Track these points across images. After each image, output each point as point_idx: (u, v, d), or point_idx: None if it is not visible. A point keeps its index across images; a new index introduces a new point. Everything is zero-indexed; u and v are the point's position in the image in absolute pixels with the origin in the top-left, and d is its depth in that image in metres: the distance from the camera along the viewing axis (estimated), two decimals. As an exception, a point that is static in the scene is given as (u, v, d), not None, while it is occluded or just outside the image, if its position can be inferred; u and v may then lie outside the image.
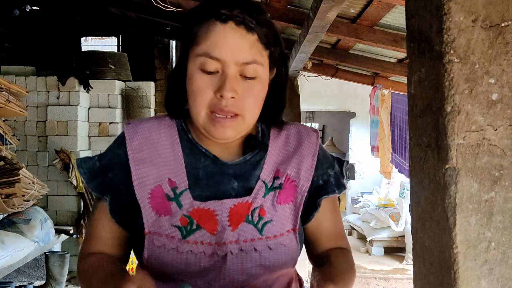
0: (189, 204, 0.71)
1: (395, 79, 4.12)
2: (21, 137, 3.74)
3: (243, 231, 0.71)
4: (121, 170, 0.74)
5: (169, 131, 0.76)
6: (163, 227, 0.70)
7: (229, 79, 0.67)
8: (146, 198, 0.71)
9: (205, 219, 0.70)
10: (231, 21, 0.67)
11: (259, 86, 0.70)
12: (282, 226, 0.73)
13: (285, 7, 2.89)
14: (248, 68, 0.68)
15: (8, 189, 2.30)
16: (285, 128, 0.80)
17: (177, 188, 0.72)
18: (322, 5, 1.94)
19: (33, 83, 3.87)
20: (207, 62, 0.67)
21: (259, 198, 0.73)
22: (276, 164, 0.76)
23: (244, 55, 0.67)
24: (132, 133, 0.75)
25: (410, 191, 0.90)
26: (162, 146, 0.74)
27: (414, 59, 0.85)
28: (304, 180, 0.75)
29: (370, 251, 4.86)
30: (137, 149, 0.73)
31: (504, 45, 0.73)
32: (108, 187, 0.74)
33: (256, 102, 0.71)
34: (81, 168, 0.75)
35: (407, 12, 0.88)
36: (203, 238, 0.70)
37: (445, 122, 0.74)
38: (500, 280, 0.73)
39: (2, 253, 2.12)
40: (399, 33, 2.78)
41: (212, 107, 0.68)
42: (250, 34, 0.67)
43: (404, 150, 3.14)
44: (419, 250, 0.87)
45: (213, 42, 0.67)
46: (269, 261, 0.71)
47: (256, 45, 0.68)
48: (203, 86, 0.68)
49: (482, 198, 0.74)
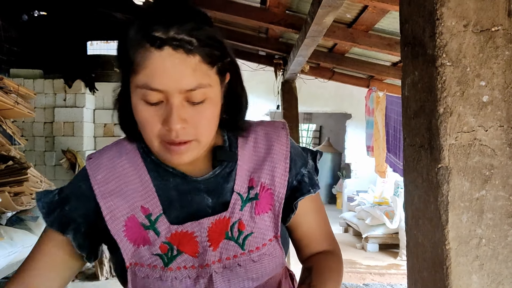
0: (167, 230, 0.67)
1: (390, 82, 4.15)
2: (29, 137, 3.80)
3: (225, 249, 0.67)
4: (81, 203, 0.69)
5: (131, 156, 0.71)
6: (143, 257, 0.67)
7: (175, 110, 0.60)
8: (121, 232, 0.67)
9: (185, 242, 0.67)
10: (167, 46, 0.58)
11: (210, 107, 0.63)
12: (264, 236, 0.69)
13: (283, 12, 2.92)
14: (194, 93, 0.60)
15: (17, 187, 2.34)
16: (252, 131, 0.74)
17: (151, 214, 0.68)
18: (319, 10, 1.96)
19: (40, 86, 3.93)
20: (148, 94, 0.60)
21: (236, 212, 0.69)
22: (249, 173, 0.71)
23: (187, 81, 0.59)
24: (95, 167, 0.70)
25: (404, 190, 0.92)
26: (127, 174, 0.69)
27: (408, 62, 0.87)
28: (279, 186, 0.71)
29: (365, 247, 4.89)
30: (102, 182, 0.68)
31: (495, 49, 0.75)
32: (67, 222, 0.68)
33: (210, 123, 0.65)
34: (40, 202, 0.70)
35: (401, 17, 0.90)
36: (186, 262, 0.67)
37: (438, 123, 0.76)
38: (490, 275, 0.75)
39: (10, 249, 2.16)
40: (394, 37, 2.81)
41: (163, 137, 0.62)
42: (191, 57, 0.59)
43: (398, 150, 3.16)
44: (412, 247, 0.89)
45: (151, 72, 0.59)
46: (256, 273, 0.69)
47: (200, 66, 0.60)
48: (149, 118, 0.61)
49: (473, 196, 0.76)
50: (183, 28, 0.59)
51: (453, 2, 0.75)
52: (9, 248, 2.15)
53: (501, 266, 0.76)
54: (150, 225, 0.67)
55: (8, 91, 2.52)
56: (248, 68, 4.97)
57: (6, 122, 2.65)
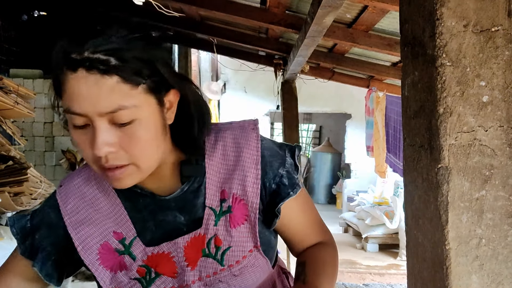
0: (142, 253, 0.66)
1: (390, 82, 4.15)
2: (29, 137, 3.80)
3: (204, 267, 0.66)
4: (51, 232, 0.69)
5: (100, 181, 0.69)
6: (122, 282, 0.66)
7: (98, 134, 0.57)
8: (95, 261, 0.66)
9: (162, 264, 0.66)
10: (81, 67, 0.55)
11: (141, 128, 0.58)
12: (243, 248, 0.67)
13: (283, 12, 2.92)
14: (117, 115, 0.56)
15: (17, 187, 2.34)
16: (220, 139, 0.70)
17: (125, 239, 0.66)
18: (319, 10, 1.97)
19: (40, 86, 3.93)
20: (73, 118, 0.58)
21: (211, 227, 0.67)
22: (219, 184, 0.68)
23: (104, 104, 0.55)
24: (64, 197, 0.69)
25: (404, 190, 0.92)
26: (97, 200, 0.68)
27: (408, 62, 0.87)
28: (252, 196, 0.68)
29: (365, 248, 4.90)
30: (72, 212, 0.68)
31: (494, 49, 0.75)
32: (37, 250, 0.68)
33: (144, 146, 0.59)
34: (13, 228, 0.70)
35: (401, 17, 0.90)
36: (165, 284, 0.66)
37: (438, 123, 0.76)
38: (490, 276, 0.75)
39: (10, 249, 2.16)
40: (393, 37, 2.82)
41: (97, 162, 0.59)
42: (107, 78, 0.55)
43: (398, 150, 3.16)
44: (412, 247, 0.89)
45: (70, 96, 0.56)
46: (240, 286, 0.67)
47: (119, 87, 0.56)
48: (81, 142, 0.59)
49: (473, 197, 0.76)
50: (100, 47, 0.55)
51: (453, 2, 0.75)
52: (9, 248, 2.15)
53: (501, 266, 0.76)
54: (125, 249, 0.66)
55: (8, 91, 2.52)
56: (248, 68, 4.97)
57: (6, 122, 2.65)
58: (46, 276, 0.68)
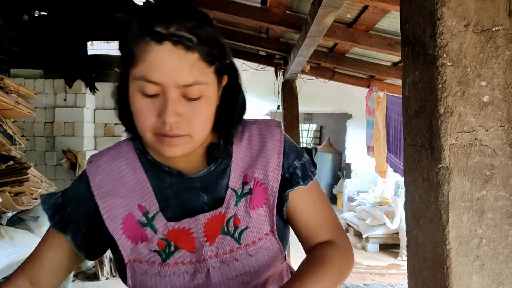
0: (164, 227, 0.69)
1: (390, 82, 4.16)
2: (29, 137, 3.80)
3: (221, 244, 0.69)
4: (81, 205, 0.72)
5: (128, 157, 0.74)
6: (142, 253, 0.69)
7: (171, 104, 0.61)
8: (119, 229, 0.70)
9: (182, 238, 0.69)
10: (168, 41, 0.60)
11: (205, 105, 0.65)
12: (259, 230, 0.71)
13: (283, 12, 2.93)
14: (190, 89, 0.62)
15: (17, 187, 2.34)
16: (247, 130, 0.76)
17: (148, 212, 0.70)
18: (320, 10, 1.97)
19: (41, 86, 3.94)
20: (145, 86, 0.62)
21: (231, 207, 0.70)
22: (243, 169, 0.73)
23: (184, 77, 0.61)
24: (94, 171, 0.73)
25: (405, 190, 0.92)
26: (124, 175, 0.72)
27: (408, 62, 0.87)
28: (272, 180, 0.72)
29: (366, 248, 4.90)
30: (100, 184, 0.71)
31: (495, 49, 0.75)
32: (68, 223, 0.72)
33: (204, 121, 0.66)
34: (45, 205, 0.73)
35: (402, 17, 0.90)
36: (183, 258, 0.69)
37: (438, 123, 0.76)
38: (491, 275, 0.75)
39: (11, 249, 2.16)
40: (394, 37, 2.82)
41: (157, 130, 0.64)
42: (190, 54, 0.61)
43: (399, 150, 3.17)
44: (413, 247, 0.89)
45: (150, 65, 0.61)
46: (253, 267, 0.70)
47: (198, 64, 0.62)
48: (145, 110, 0.63)
49: (474, 196, 0.76)
50: (184, 25, 0.61)
51: (454, 2, 0.75)
52: (9, 248, 2.16)
53: (502, 266, 0.76)
54: (148, 222, 0.70)
55: (8, 91, 2.53)
56: (249, 68, 4.97)
57: (6, 122, 2.66)
58: (76, 247, 0.72)
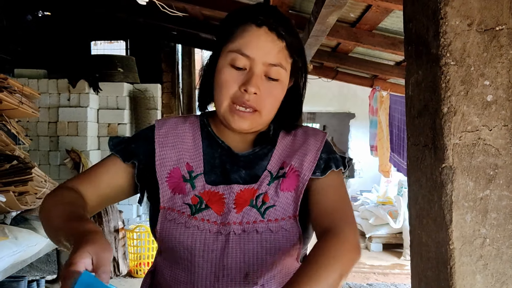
0: (202, 186, 0.78)
1: (393, 81, 4.14)
2: (33, 137, 3.81)
3: (247, 214, 0.75)
4: (144, 144, 0.82)
5: (192, 125, 0.85)
6: (176, 203, 0.77)
7: (255, 77, 0.74)
8: (164, 177, 0.79)
9: (214, 200, 0.77)
10: (266, 26, 0.74)
11: (280, 88, 0.77)
12: (284, 211, 0.77)
13: (286, 12, 2.92)
14: (273, 69, 0.75)
15: (21, 187, 2.34)
16: (295, 130, 0.86)
17: (193, 171, 0.80)
18: (323, 10, 1.97)
19: (45, 86, 3.95)
20: (237, 58, 0.74)
21: (264, 185, 0.78)
22: (283, 158, 0.81)
23: (272, 57, 0.74)
24: (161, 124, 0.84)
25: (408, 189, 0.92)
26: (184, 136, 0.83)
27: (412, 62, 0.87)
28: (306, 170, 0.79)
29: (369, 247, 4.89)
30: (163, 135, 0.82)
31: (499, 48, 0.75)
32: (131, 154, 0.81)
33: (274, 102, 0.77)
34: (110, 141, 0.84)
35: (405, 16, 0.90)
36: (210, 217, 0.76)
37: (442, 122, 0.76)
38: (494, 275, 0.75)
39: (15, 248, 2.17)
40: (397, 36, 2.81)
41: (235, 99, 0.75)
42: (279, 41, 0.75)
43: (402, 150, 3.16)
44: (416, 246, 0.89)
45: (247, 41, 0.74)
46: (270, 242, 0.75)
47: (283, 51, 0.76)
48: (230, 80, 0.75)
49: (478, 196, 0.76)
50: (279, 20, 0.76)
51: (457, 1, 0.75)
52: (13, 247, 2.17)
53: (505, 266, 0.76)
54: (190, 179, 0.79)
55: (12, 91, 2.54)
56: (251, 68, 4.96)
57: (10, 122, 2.67)
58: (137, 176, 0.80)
